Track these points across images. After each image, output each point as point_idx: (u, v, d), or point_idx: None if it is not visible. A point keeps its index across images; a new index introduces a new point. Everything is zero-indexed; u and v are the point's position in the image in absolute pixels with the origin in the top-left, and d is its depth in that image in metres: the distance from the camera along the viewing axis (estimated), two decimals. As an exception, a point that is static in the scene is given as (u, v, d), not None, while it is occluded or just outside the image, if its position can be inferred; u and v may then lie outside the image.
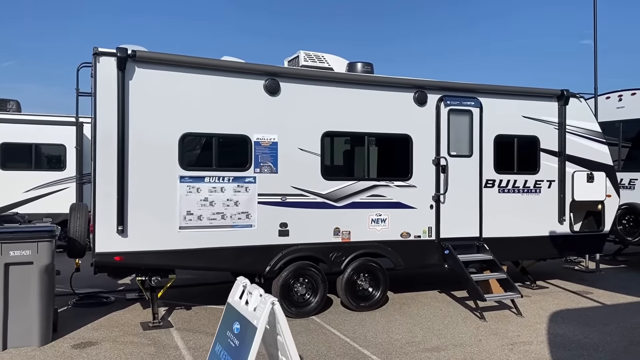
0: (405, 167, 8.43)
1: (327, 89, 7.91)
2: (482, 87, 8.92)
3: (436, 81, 8.62)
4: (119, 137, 6.73)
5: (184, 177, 7.10)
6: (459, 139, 8.76)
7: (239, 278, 4.10)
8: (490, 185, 8.96)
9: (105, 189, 6.71)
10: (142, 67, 6.89)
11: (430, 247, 8.55)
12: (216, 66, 7.28)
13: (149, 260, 6.98)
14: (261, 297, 3.36)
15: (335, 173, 8.12)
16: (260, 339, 3.22)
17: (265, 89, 7.52)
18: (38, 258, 6.38)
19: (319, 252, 7.82)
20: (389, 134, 8.36)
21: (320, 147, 7.84)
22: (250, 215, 7.44)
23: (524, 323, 7.58)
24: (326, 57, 8.71)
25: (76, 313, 7.96)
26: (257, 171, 7.48)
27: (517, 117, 9.17)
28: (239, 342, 3.26)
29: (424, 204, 8.51)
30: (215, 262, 7.29)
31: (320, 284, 7.81)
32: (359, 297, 8.10)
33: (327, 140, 7.97)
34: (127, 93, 6.81)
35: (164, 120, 7.01)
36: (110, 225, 6.73)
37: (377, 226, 8.20)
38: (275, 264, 7.55)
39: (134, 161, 6.85)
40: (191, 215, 7.14)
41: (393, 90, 8.32)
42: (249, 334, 3.24)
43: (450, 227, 8.65)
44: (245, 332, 3.29)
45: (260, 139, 7.50)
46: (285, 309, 7.61)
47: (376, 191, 8.18)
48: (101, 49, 6.69)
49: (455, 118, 8.72)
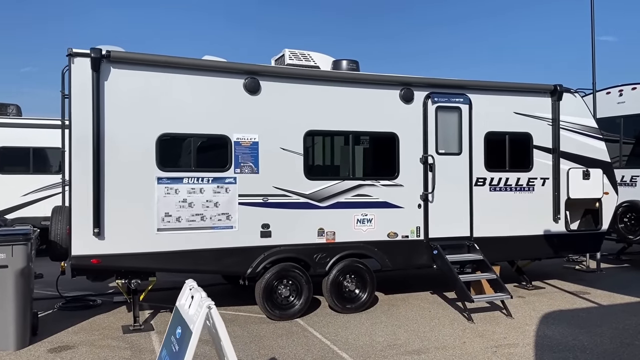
0: (391, 166, 8.26)
1: (309, 87, 7.78)
2: (471, 83, 8.72)
3: (423, 78, 8.45)
4: (94, 138, 6.66)
5: (161, 178, 7.01)
6: (447, 137, 8.57)
7: (187, 281, 3.98)
8: (481, 183, 8.75)
9: (81, 191, 6.64)
10: (117, 67, 6.81)
11: (418, 248, 8.36)
12: (194, 65, 7.18)
13: (126, 262, 6.89)
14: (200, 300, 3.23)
15: (319, 173, 7.98)
16: (195, 344, 3.10)
17: (245, 88, 7.40)
18: (13, 261, 6.32)
19: (303, 253, 7.68)
20: (375, 132, 8.20)
21: (303, 147, 7.70)
22: (231, 216, 7.33)
23: (513, 325, 7.37)
24: (312, 55, 8.57)
25: (60, 316, 7.91)
26: (237, 171, 7.37)
27: (509, 114, 8.95)
28: (179, 347, 3.15)
29: (411, 204, 8.33)
30: (196, 264, 7.19)
31: (305, 285, 7.66)
32: (345, 298, 7.94)
33: (310, 140, 7.83)
34: (102, 94, 6.73)
35: (140, 120, 6.93)
36: (87, 227, 6.66)
37: (363, 226, 8.04)
38: (257, 265, 7.42)
39: (110, 163, 6.77)
40: (169, 217, 7.04)
41: (378, 87, 8.16)
42: (186, 339, 3.13)
43: (439, 227, 8.46)
44: (184, 337, 3.18)
45: (240, 139, 7.38)
46: (268, 311, 7.49)
47: (362, 191, 8.02)
48: (75, 50, 6.63)
49: (444, 115, 8.53)
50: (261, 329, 7.18)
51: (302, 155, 7.68)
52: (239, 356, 6.08)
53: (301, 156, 7.68)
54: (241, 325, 7.31)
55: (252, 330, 7.09)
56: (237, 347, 6.38)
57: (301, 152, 7.68)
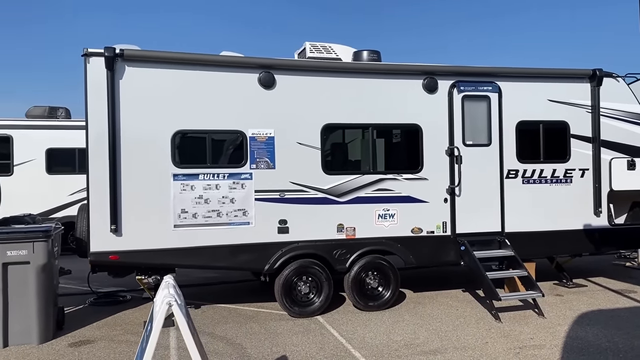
0: (414, 159, 7.96)
1: (326, 79, 7.61)
2: (500, 70, 8.29)
3: (447, 66, 8.09)
4: (110, 136, 6.75)
5: (177, 174, 7.03)
6: (475, 127, 8.17)
7: (165, 277, 3.92)
8: (513, 175, 8.30)
9: (98, 188, 6.75)
10: (131, 65, 6.88)
11: (444, 244, 8.03)
12: (207, 61, 7.15)
13: (144, 259, 6.96)
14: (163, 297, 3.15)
15: (338, 167, 7.80)
16: (155, 340, 3.02)
17: (259, 83, 7.32)
18: (34, 258, 6.50)
19: (322, 249, 7.53)
20: (396, 125, 7.93)
21: (321, 141, 7.54)
22: (247, 212, 7.27)
23: (543, 325, 6.94)
24: (333, 47, 8.39)
25: (89, 312, 8.10)
26: (253, 167, 7.29)
27: (542, 102, 8.44)
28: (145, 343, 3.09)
29: (437, 198, 8.00)
30: (212, 260, 7.18)
31: (325, 282, 7.51)
32: (367, 296, 7.73)
33: (328, 133, 7.66)
34: (118, 92, 6.82)
35: (155, 118, 6.97)
36: (104, 224, 6.77)
37: (385, 222, 7.79)
38: (274, 262, 7.33)
39: (126, 160, 6.85)
40: (186, 213, 7.06)
41: (399, 78, 7.88)
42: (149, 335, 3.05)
43: (467, 222, 8.09)
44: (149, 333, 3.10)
45: (255, 134, 7.31)
46: (288, 308, 7.39)
47: (383, 185, 7.78)
48: (90, 50, 6.74)
49: (471, 105, 8.14)
50: (279, 326, 7.08)
51: (319, 149, 7.52)
52: (251, 353, 6.04)
53: (319, 150, 7.52)
54: (260, 322, 7.24)
55: (270, 327, 7.01)
56: (250, 343, 6.33)
57: (318, 146, 7.52)
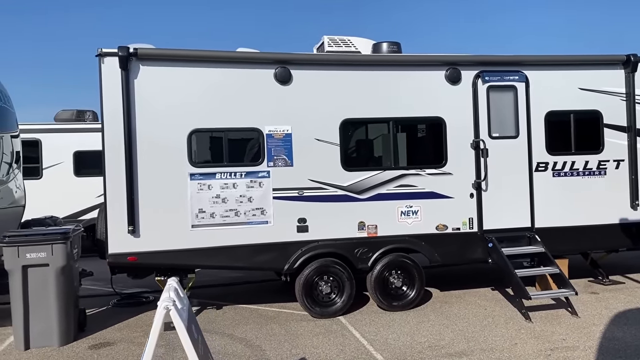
0: (438, 153, 7.69)
1: (344, 73, 7.40)
2: (527, 58, 7.93)
3: (470, 55, 7.79)
4: (125, 136, 6.69)
5: (194, 174, 6.94)
6: (501, 119, 7.84)
7: (169, 279, 3.79)
8: (542, 168, 7.94)
9: (115, 189, 6.71)
10: (145, 64, 6.80)
11: (471, 240, 7.73)
12: (222, 58, 7.04)
13: (162, 260, 6.89)
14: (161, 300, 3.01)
15: (358, 163, 7.58)
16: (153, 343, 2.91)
17: (275, 78, 7.16)
18: (53, 260, 6.48)
19: (342, 248, 7.33)
20: (418, 118, 7.67)
21: (340, 136, 7.33)
22: (266, 211, 7.12)
23: (577, 324, 6.59)
24: (352, 40, 8.18)
25: (112, 313, 8.09)
26: (270, 165, 7.14)
27: (573, 90, 8.05)
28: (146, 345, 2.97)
29: (462, 193, 7.71)
30: (231, 260, 7.05)
31: (346, 282, 7.31)
32: (390, 296, 7.49)
33: (347, 129, 7.44)
34: (132, 92, 6.75)
35: (171, 117, 6.89)
36: (122, 225, 6.71)
37: (408, 219, 7.54)
38: (294, 261, 7.17)
39: (143, 160, 6.78)
40: (203, 213, 6.95)
41: (421, 69, 7.62)
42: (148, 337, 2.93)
43: (495, 218, 7.77)
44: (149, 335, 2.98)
45: (272, 131, 7.15)
46: (309, 308, 7.23)
47: (405, 181, 7.53)
48: (105, 50, 6.69)
49: (496, 95, 7.82)
50: (300, 327, 6.92)
51: (338, 145, 7.32)
52: (270, 355, 5.89)
53: (338, 146, 7.32)
54: (281, 323, 7.09)
55: (290, 328, 6.85)
56: (270, 345, 6.18)
57: (337, 142, 7.32)
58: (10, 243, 6.41)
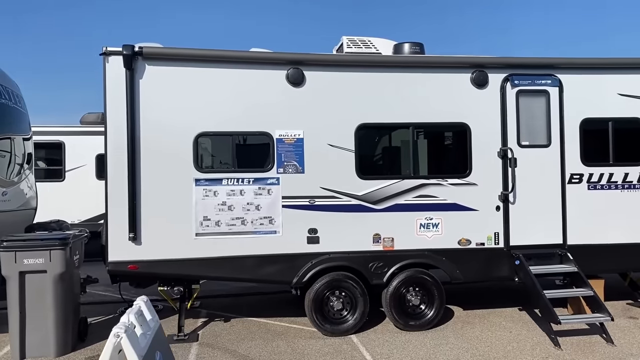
0: (462, 162, 7.14)
1: (361, 75, 6.95)
2: (561, 61, 7.32)
3: (499, 57, 7.23)
4: (129, 138, 6.39)
5: (199, 179, 6.58)
6: (532, 126, 7.25)
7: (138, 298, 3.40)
8: (577, 180, 7.30)
9: (117, 194, 6.41)
10: (151, 64, 6.50)
11: (497, 257, 7.14)
12: (231, 58, 6.68)
13: (164, 269, 6.55)
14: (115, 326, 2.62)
15: (374, 171, 7.10)
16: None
17: (287, 80, 6.76)
18: (51, 266, 6.22)
19: (356, 261, 6.85)
20: (441, 124, 7.15)
21: (355, 142, 6.88)
22: (274, 220, 6.71)
23: (612, 354, 5.95)
24: (373, 40, 7.72)
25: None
26: (280, 171, 6.74)
27: (612, 96, 7.40)
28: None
29: (488, 205, 7.14)
30: (236, 272, 6.66)
31: (359, 298, 6.83)
32: (407, 314, 6.97)
33: (363, 134, 6.98)
34: (137, 93, 6.46)
35: (177, 119, 6.56)
36: (122, 232, 6.40)
37: (428, 232, 7.01)
38: (303, 274, 6.73)
39: (146, 164, 6.47)
40: (208, 220, 6.59)
41: (445, 71, 7.11)
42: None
43: (523, 233, 7.17)
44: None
45: (283, 135, 6.75)
46: (318, 325, 6.77)
47: (425, 191, 7.01)
48: (110, 49, 6.41)
49: (527, 101, 7.24)
50: (308, 345, 6.47)
51: (353, 151, 6.86)
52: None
53: (352, 153, 6.86)
54: (288, 340, 6.66)
55: (297, 347, 6.40)
56: (272, 365, 5.76)
57: (352, 149, 6.86)
58: (7, 248, 6.17)
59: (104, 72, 6.46)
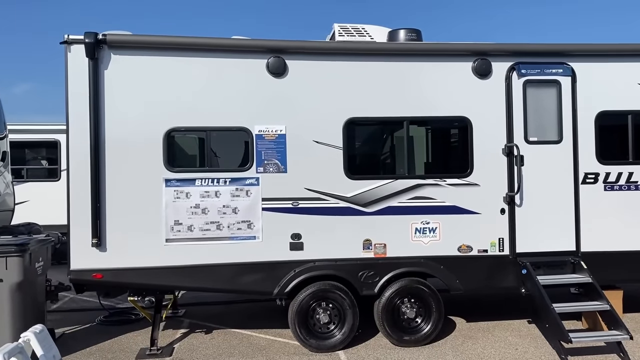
0: (462, 160, 6.47)
1: (350, 64, 6.31)
2: (574, 47, 6.60)
3: (504, 44, 6.54)
4: (92, 133, 5.84)
5: (170, 180, 5.99)
6: (541, 120, 6.55)
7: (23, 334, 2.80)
8: (592, 180, 6.57)
9: (79, 195, 5.85)
10: (117, 53, 5.93)
11: (501, 265, 6.45)
12: (205, 46, 6.07)
13: (131, 278, 5.97)
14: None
15: (365, 170, 6.45)
16: None
17: (268, 70, 6.14)
18: (8, 275, 5.71)
19: (344, 270, 6.21)
20: (438, 118, 6.48)
21: (343, 139, 6.23)
22: (253, 224, 6.10)
23: (632, 379, 5.23)
24: (367, 28, 7.06)
25: (93, 332, 7.27)
26: (260, 171, 6.12)
27: (631, 86, 6.66)
28: None
29: (491, 208, 6.45)
30: (211, 281, 6.06)
31: (348, 310, 6.19)
32: (401, 328, 6.32)
33: (352, 130, 6.33)
34: (102, 85, 5.89)
35: (146, 114, 5.98)
36: (85, 237, 5.84)
37: (424, 237, 6.35)
38: (285, 284, 6.11)
39: (111, 163, 5.90)
40: (180, 225, 6.00)
41: (443, 60, 6.43)
42: None
43: (530, 238, 6.47)
44: None
45: (263, 131, 6.13)
46: (302, 340, 6.15)
47: (421, 192, 6.34)
48: (72, 37, 5.85)
49: (535, 92, 6.53)
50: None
51: (342, 149, 6.22)
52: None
53: (341, 150, 6.22)
54: (270, 356, 6.04)
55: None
56: (245, 387, 5.15)
57: (341, 146, 6.22)
58: (-40, 255, 5.66)
59: (65, 63, 5.90)
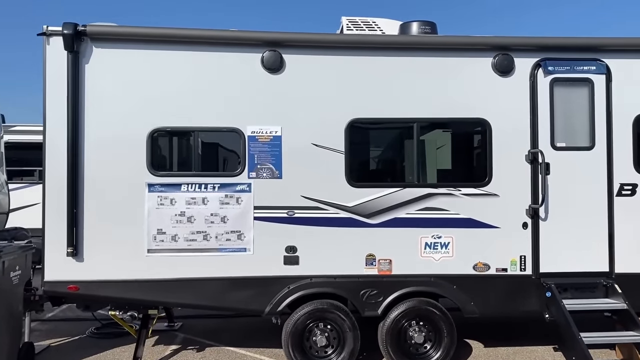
0: (479, 168, 5.79)
1: (355, 59, 5.70)
2: (608, 42, 5.87)
3: (528, 37, 5.85)
4: (69, 133, 5.37)
5: (153, 184, 5.47)
6: (570, 124, 5.82)
7: None
8: (629, 192, 5.81)
9: (54, 200, 5.38)
10: (99, 46, 5.45)
11: (523, 287, 5.73)
12: (195, 38, 5.55)
13: (110, 292, 5.46)
14: None
15: (369, 177, 5.83)
16: None
17: (262, 65, 5.58)
18: (-23, 285, 5.26)
19: (344, 288, 5.59)
20: (453, 120, 5.81)
21: (345, 142, 5.62)
22: (244, 235, 5.53)
23: None
24: (377, 21, 6.47)
25: (82, 345, 6.82)
26: (252, 176, 5.55)
27: (675, 86, 5.88)
28: None
29: (512, 222, 5.74)
30: (196, 297, 5.51)
31: (348, 333, 5.56)
32: (408, 354, 5.66)
33: (355, 132, 5.70)
34: (82, 80, 5.43)
35: (129, 112, 5.50)
36: (60, 246, 5.36)
37: (435, 253, 5.67)
38: (278, 302, 5.52)
39: (90, 165, 5.42)
40: (163, 234, 5.47)
41: (459, 55, 5.78)
42: None
43: (557, 257, 5.74)
44: None
45: (256, 132, 5.57)
46: (297, 365, 5.53)
47: (432, 202, 5.68)
48: (51, 28, 5.40)
49: (564, 91, 5.81)
50: (280, 390, 5.25)
51: (343, 153, 5.61)
52: None
53: (342, 154, 5.61)
54: (259, 382, 5.47)
55: (267, 392, 5.20)
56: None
57: (342, 149, 5.61)
58: None
59: (44, 56, 5.44)
